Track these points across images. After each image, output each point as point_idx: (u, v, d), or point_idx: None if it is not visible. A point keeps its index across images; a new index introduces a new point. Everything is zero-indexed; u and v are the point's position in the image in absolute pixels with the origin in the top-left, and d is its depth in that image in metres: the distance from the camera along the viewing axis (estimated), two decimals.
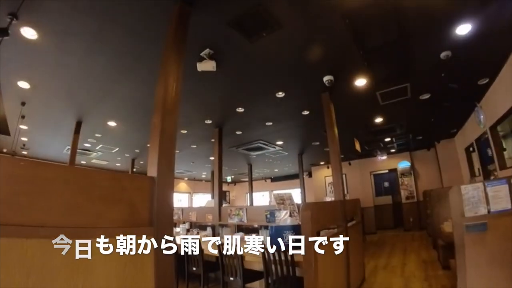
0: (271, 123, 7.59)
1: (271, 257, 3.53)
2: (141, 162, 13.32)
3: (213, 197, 16.85)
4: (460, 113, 7.83)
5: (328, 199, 11.17)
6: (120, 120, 7.32)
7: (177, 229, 7.51)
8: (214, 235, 6.35)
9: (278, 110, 6.70)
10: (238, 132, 8.37)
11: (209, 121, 7.37)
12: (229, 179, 19.31)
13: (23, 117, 6.95)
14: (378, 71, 5.06)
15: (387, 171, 13.30)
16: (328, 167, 14.33)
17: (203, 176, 17.97)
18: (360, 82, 5.39)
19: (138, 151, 11.25)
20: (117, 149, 10.76)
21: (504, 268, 3.07)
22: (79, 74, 4.85)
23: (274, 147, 10.15)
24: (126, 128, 8.05)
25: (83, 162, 13.15)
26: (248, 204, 14.69)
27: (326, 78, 5.07)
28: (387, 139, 10.26)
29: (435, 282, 5.03)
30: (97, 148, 10.53)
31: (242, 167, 14.73)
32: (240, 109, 6.54)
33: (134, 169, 14.58)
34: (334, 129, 5.57)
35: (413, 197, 12.09)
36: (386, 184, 13.83)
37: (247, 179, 18.29)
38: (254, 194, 15.03)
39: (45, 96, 5.83)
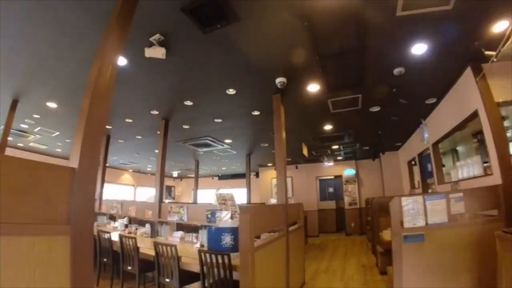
0: (220, 120, 7.39)
1: (208, 260, 3.39)
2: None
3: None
4: (406, 128, 8.18)
5: (273, 200, 11.15)
6: (60, 102, 6.71)
7: (115, 224, 7.17)
8: (153, 232, 6.10)
9: (228, 108, 6.51)
10: (186, 126, 8.05)
11: (155, 112, 6.98)
12: (175, 174, 18.79)
13: None
14: (332, 79, 5.02)
15: (332, 177, 13.61)
16: (275, 169, 14.32)
17: (149, 169, 17.35)
18: (313, 87, 5.33)
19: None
20: (57, 133, 9.97)
21: (438, 276, 3.22)
22: (17, 45, 4.30)
23: (223, 145, 9.94)
24: (67, 112, 7.40)
25: (20, 144, 12.21)
26: (193, 202, 14.33)
27: (278, 80, 4.96)
28: (335, 147, 10.46)
29: (373, 286, 5.18)
30: (36, 130, 9.70)
31: (189, 163, 14.33)
32: (189, 103, 6.25)
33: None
34: (282, 132, 5.48)
35: (355, 204, 12.53)
36: (331, 189, 14.15)
37: (194, 175, 17.99)
38: (200, 191, 14.73)
39: None
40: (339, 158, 12.66)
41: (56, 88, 5.85)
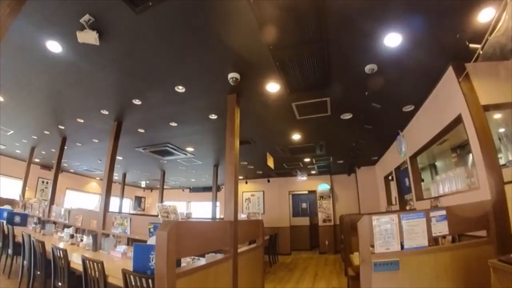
0: (175, 124, 6.66)
1: (133, 282, 2.86)
2: (43, 152, 11.77)
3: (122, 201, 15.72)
4: (382, 140, 7.58)
5: (243, 216, 10.39)
6: (7, 95, 6.10)
7: (61, 234, 6.47)
8: (95, 245, 5.31)
9: (181, 109, 5.81)
10: (141, 130, 7.32)
11: (105, 112, 6.27)
12: (143, 184, 17.88)
13: None
14: (293, 77, 4.34)
15: (306, 192, 12.99)
16: (246, 182, 13.71)
17: (116, 177, 16.38)
18: (272, 87, 4.66)
19: (36, 137, 9.79)
20: (11, 131, 9.31)
21: None
22: None
23: (185, 154, 9.17)
24: (16, 107, 6.81)
25: None
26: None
27: (230, 76, 4.27)
28: (307, 159, 9.79)
29: None
30: None
31: (155, 173, 13.52)
32: (137, 101, 5.54)
33: (37, 159, 13.03)
34: (235, 138, 4.73)
35: (330, 220, 11.88)
36: (304, 205, 13.50)
37: (165, 187, 17.11)
38: (169, 203, 13.89)
39: None
40: (313, 172, 12.00)
41: (2, 80, 5.25)
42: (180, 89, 4.84)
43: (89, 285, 3.46)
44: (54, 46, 3.94)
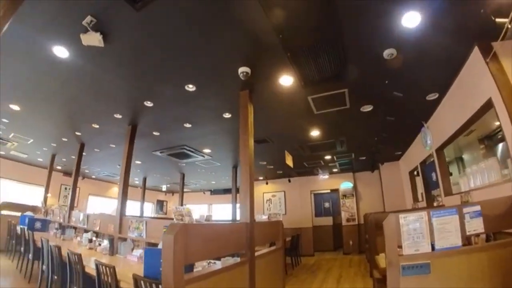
0: (189, 125, 6.51)
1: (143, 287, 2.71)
2: (64, 159, 12.01)
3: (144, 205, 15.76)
4: (406, 134, 7.16)
5: (264, 217, 10.15)
6: (22, 103, 6.23)
7: (80, 239, 6.48)
8: (112, 249, 5.29)
9: (194, 109, 5.65)
10: (156, 133, 7.24)
11: (119, 116, 6.24)
12: (164, 187, 17.91)
13: None
14: (306, 68, 4.06)
15: (328, 191, 12.58)
16: (267, 183, 13.47)
17: (136, 182, 16.48)
18: (286, 80, 4.41)
19: (55, 145, 10.00)
20: (31, 140, 9.59)
21: None
22: None
23: (203, 156, 9.02)
24: (32, 116, 6.98)
25: (1, 152, 11.89)
26: None
27: (241, 70, 4.06)
28: (328, 157, 9.43)
29: None
30: (10, 136, 9.36)
31: (175, 176, 13.45)
32: (149, 103, 5.44)
33: (59, 167, 13.25)
34: (249, 134, 4.50)
35: (354, 220, 11.46)
36: (327, 204, 13.11)
37: (186, 190, 17.08)
38: (191, 206, 13.81)
39: None
40: (335, 170, 11.66)
41: (13, 86, 5.37)
42: (191, 87, 4.69)
43: None
44: (60, 51, 3.94)
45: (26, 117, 7.16)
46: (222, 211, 17.17)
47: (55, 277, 4.50)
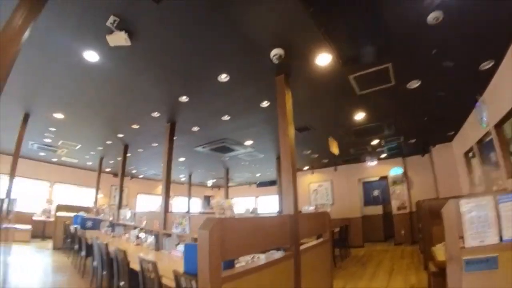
0: (228, 117, 6.39)
1: (183, 285, 2.69)
2: (111, 162, 12.54)
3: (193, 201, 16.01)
4: (458, 110, 6.48)
5: (311, 208, 9.91)
6: (65, 111, 6.59)
7: (128, 236, 6.62)
8: (157, 245, 5.42)
9: (230, 100, 5.51)
10: (195, 129, 7.21)
11: (156, 114, 6.30)
12: (210, 183, 18.10)
13: None
14: (342, 42, 3.75)
15: (377, 178, 12.04)
16: (312, 173, 13.14)
17: (183, 179, 16.76)
18: (323, 59, 4.08)
19: (101, 148, 10.47)
20: (79, 145, 10.20)
21: None
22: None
23: (245, 148, 8.87)
24: (75, 122, 7.36)
25: (54, 159, 13.02)
26: None
27: (274, 53, 3.83)
28: (375, 142, 8.90)
29: None
30: (59, 144, 10.09)
31: (220, 171, 13.51)
32: (184, 98, 5.38)
33: (108, 169, 13.86)
34: (288, 121, 4.21)
35: (405, 208, 10.80)
36: (376, 192, 12.51)
37: (231, 184, 17.17)
38: (238, 199, 13.87)
39: None
40: (383, 156, 11.06)
41: (55, 97, 5.77)
42: (224, 78, 4.54)
43: (147, 285, 3.41)
44: (91, 56, 4.04)
45: (71, 124, 7.57)
46: (269, 203, 17.04)
47: (104, 272, 4.62)
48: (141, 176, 16.88)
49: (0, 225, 4.93)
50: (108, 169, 14.62)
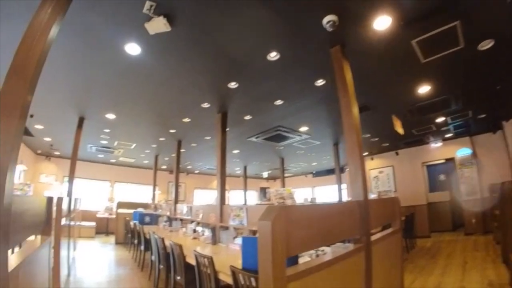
0: (281, 102, 6.00)
1: (242, 281, 2.55)
2: (166, 159, 12.85)
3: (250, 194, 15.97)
4: None
5: (373, 196, 9.29)
6: (116, 111, 6.78)
7: (185, 230, 6.68)
8: (214, 238, 5.29)
9: (281, 82, 5.12)
10: (247, 117, 6.96)
11: (206, 105, 6.14)
12: (265, 174, 17.90)
13: (31, 116, 7.16)
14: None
15: (443, 161, 10.98)
16: (372, 159, 12.45)
17: (238, 172, 16.75)
18: (382, 22, 3.56)
19: (155, 146, 10.73)
20: (134, 144, 10.56)
21: None
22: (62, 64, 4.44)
23: (300, 135, 8.44)
24: (127, 121, 7.57)
25: (112, 160, 13.93)
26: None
27: (326, 20, 3.39)
28: (440, 119, 7.99)
29: None
30: (115, 145, 10.58)
31: (275, 161, 13.24)
32: (233, 84, 5.13)
33: (164, 166, 14.25)
34: (350, 96, 3.76)
35: (475, 193, 9.67)
36: (442, 177, 11.55)
37: (287, 175, 16.90)
38: (296, 190, 13.52)
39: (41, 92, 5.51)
40: (449, 135, 10.02)
41: (108, 98, 5.96)
42: (273, 56, 4.21)
43: (202, 280, 3.33)
44: (133, 48, 3.98)
45: (123, 124, 7.84)
46: (326, 193, 16.55)
47: (161, 266, 4.69)
48: (196, 171, 17.13)
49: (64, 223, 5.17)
50: (164, 167, 15.08)
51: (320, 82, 5.10)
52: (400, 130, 7.00)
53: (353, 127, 3.68)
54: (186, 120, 7.22)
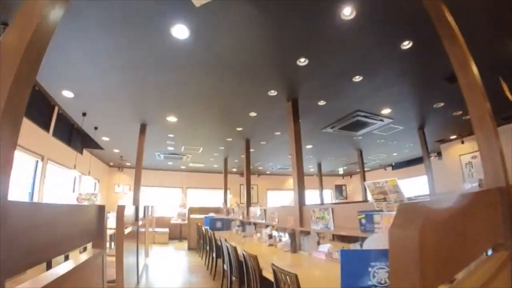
0: (360, 78, 4.93)
1: None
2: (236, 161, 12.62)
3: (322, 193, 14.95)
4: None
5: (469, 186, 7.76)
6: (176, 113, 6.60)
7: (259, 235, 6.30)
8: (294, 245, 4.57)
9: (359, 51, 4.11)
10: (321, 103, 6.00)
11: (273, 92, 5.40)
12: (341, 170, 16.66)
13: (95, 128, 7.62)
14: None
15: None
16: (462, 142, 10.53)
17: (312, 170, 15.80)
18: None
19: (222, 148, 10.40)
20: (201, 148, 10.38)
21: None
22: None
23: (381, 120, 7.21)
24: (189, 122, 7.34)
25: (182, 167, 14.24)
26: (362, 200, 11.86)
27: None
28: None
29: None
30: (182, 150, 10.54)
31: (352, 155, 11.98)
32: (303, 61, 4.28)
33: (234, 169, 13.96)
34: (462, 49, 2.65)
35: None
36: None
37: (365, 169, 15.53)
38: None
39: (100, 103, 5.88)
40: None
41: (167, 99, 5.75)
42: (347, 15, 3.27)
43: None
44: (180, 31, 3.49)
45: (186, 126, 7.59)
46: (408, 187, 14.85)
47: (233, 278, 4.33)
48: (268, 172, 16.58)
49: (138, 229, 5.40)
50: (234, 169, 14.87)
51: (406, 45, 3.94)
52: (509, 95, 5.51)
53: (475, 88, 2.64)
54: (253, 114, 6.58)
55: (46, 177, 6.71)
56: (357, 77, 4.89)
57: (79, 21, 3.23)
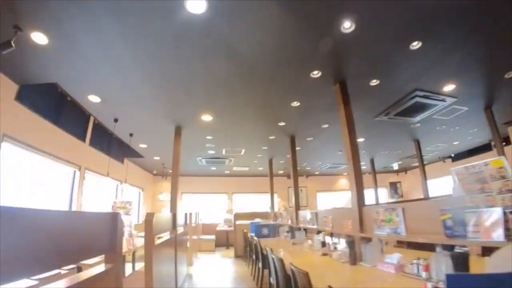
0: (418, 44, 3.91)
1: None
2: (281, 161, 12.18)
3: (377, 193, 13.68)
4: None
5: None
6: (211, 110, 6.21)
7: (311, 242, 5.52)
8: (353, 255, 3.70)
9: (415, 4, 3.15)
10: (374, 82, 5.03)
11: (316, 74, 4.60)
12: (395, 166, 15.13)
13: (131, 135, 7.63)
14: None
15: None
16: None
17: (363, 167, 14.50)
18: None
19: (266, 147, 9.75)
20: (243, 150, 9.92)
21: None
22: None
23: (443, 100, 6.02)
24: (226, 121, 6.92)
25: (226, 171, 13.99)
26: (423, 198, 10.42)
27: None
28: None
29: None
30: (224, 153, 10.22)
31: (407, 147, 10.67)
32: (348, 27, 3.42)
33: (281, 171, 13.46)
34: None
35: None
36: None
37: (417, 163, 13.99)
38: (429, 182, 10.78)
39: (131, 107, 5.82)
40: None
41: (199, 96, 5.45)
42: None
43: None
44: (195, 5, 2.97)
45: (223, 125, 7.20)
46: None
47: None
48: (316, 173, 15.71)
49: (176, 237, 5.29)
50: (280, 172, 14.38)
51: None
52: None
53: None
54: (295, 104, 5.82)
55: (84, 186, 6.83)
56: (414, 43, 3.89)
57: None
